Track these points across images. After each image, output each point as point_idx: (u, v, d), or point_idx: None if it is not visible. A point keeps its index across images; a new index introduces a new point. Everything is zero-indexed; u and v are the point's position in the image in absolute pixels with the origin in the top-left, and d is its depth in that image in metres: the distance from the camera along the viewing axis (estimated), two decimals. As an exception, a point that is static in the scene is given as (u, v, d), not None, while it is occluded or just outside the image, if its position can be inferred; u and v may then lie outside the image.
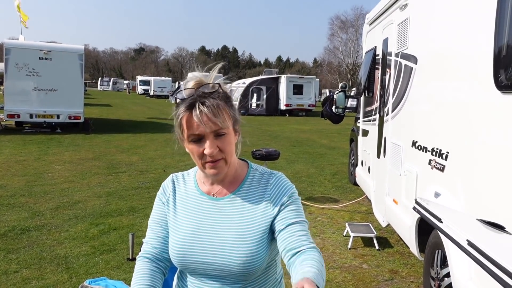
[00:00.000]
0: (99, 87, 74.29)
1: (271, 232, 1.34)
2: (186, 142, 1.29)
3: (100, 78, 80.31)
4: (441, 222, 1.93)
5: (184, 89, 1.27)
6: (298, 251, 1.21)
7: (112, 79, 78.32)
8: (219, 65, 1.33)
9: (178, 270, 1.47)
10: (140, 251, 1.46)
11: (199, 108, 1.21)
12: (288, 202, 1.34)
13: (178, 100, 1.27)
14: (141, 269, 1.38)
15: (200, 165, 1.30)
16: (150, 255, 1.42)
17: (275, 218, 1.33)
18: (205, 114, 1.21)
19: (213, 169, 1.28)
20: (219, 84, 1.28)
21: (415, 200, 2.34)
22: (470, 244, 1.61)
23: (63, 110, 14.00)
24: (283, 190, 1.36)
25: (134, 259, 4.17)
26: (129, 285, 3.65)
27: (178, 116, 1.26)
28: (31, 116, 13.75)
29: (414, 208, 2.28)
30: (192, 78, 1.29)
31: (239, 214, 1.34)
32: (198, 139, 1.25)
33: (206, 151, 1.24)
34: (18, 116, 13.67)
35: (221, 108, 1.24)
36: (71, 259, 4.23)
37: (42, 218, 5.45)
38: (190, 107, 1.23)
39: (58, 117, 14.02)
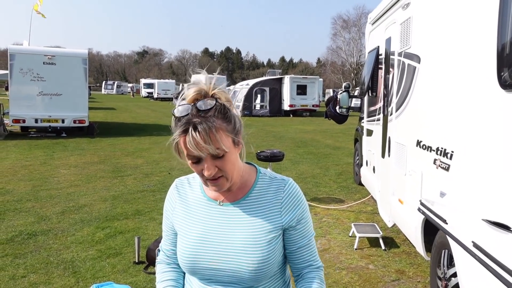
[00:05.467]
0: (103, 91, 74.50)
1: (282, 238, 1.37)
2: (186, 160, 1.26)
3: (104, 82, 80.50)
4: (446, 223, 1.92)
5: (180, 105, 1.21)
6: (304, 272, 1.41)
7: (116, 82, 78.51)
8: (216, 75, 1.28)
9: (186, 274, 1.47)
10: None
11: (191, 133, 1.16)
12: (301, 218, 1.37)
13: (175, 114, 1.22)
14: (163, 272, 1.49)
15: (203, 182, 1.30)
16: (167, 258, 1.51)
17: (286, 228, 1.36)
18: (198, 141, 1.16)
19: (214, 186, 1.28)
20: (216, 99, 1.21)
21: (420, 201, 2.33)
22: (475, 245, 1.60)
23: (68, 114, 14.07)
24: (297, 202, 1.37)
25: (140, 263, 4.18)
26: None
27: (173, 140, 1.22)
28: (36, 121, 13.83)
29: (419, 209, 2.27)
30: (193, 85, 1.24)
31: (249, 220, 1.33)
32: (196, 161, 1.23)
33: (205, 173, 1.23)
34: (24, 121, 13.75)
35: (214, 131, 1.17)
36: (78, 263, 4.25)
37: (49, 223, 5.47)
38: (185, 132, 1.18)
39: (63, 121, 14.09)
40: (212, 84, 1.24)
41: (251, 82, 29.56)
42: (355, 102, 7.46)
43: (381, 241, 4.84)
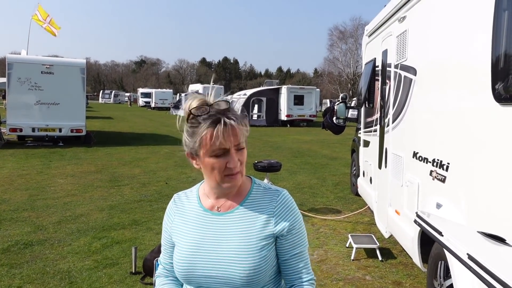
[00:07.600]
0: (100, 100, 74.58)
1: (275, 246, 1.39)
2: (203, 157, 1.30)
3: (101, 91, 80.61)
4: (442, 235, 1.94)
5: (196, 107, 1.27)
6: (295, 285, 1.41)
7: (113, 91, 78.62)
8: (215, 87, 1.38)
9: (183, 285, 1.49)
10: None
11: (227, 123, 1.25)
12: (294, 227, 1.40)
13: (199, 118, 1.27)
14: (162, 285, 1.51)
15: (220, 179, 1.32)
16: (166, 272, 1.53)
17: (277, 236, 1.38)
18: (231, 128, 1.25)
19: (233, 181, 1.32)
20: (228, 101, 1.31)
21: (416, 213, 2.35)
22: (470, 257, 1.62)
23: (65, 124, 14.07)
24: (290, 211, 1.40)
25: (137, 273, 4.17)
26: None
27: (201, 133, 1.26)
28: (33, 130, 13.81)
29: (415, 221, 2.29)
30: (196, 96, 1.31)
31: (242, 228, 1.37)
32: (222, 154, 1.28)
33: (231, 165, 1.28)
34: (21, 130, 13.73)
35: (241, 125, 1.29)
36: (74, 274, 4.23)
37: (45, 232, 5.45)
38: (215, 122, 1.25)
39: (60, 130, 14.08)
40: (212, 95, 1.33)
41: (249, 92, 29.67)
42: (352, 113, 7.49)
43: (378, 252, 4.84)
